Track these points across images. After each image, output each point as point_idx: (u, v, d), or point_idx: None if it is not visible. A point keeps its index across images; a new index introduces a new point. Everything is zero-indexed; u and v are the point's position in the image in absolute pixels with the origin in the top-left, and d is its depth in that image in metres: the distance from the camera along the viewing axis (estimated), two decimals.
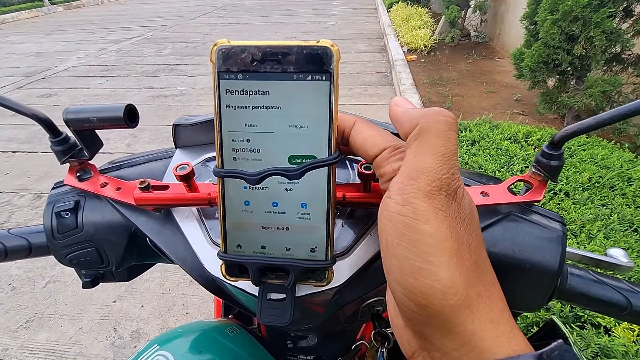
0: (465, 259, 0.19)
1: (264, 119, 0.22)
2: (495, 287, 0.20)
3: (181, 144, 0.37)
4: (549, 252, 0.30)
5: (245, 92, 0.22)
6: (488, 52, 4.79)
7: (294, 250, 0.24)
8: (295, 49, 0.21)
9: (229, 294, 0.31)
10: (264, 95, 0.22)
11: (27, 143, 3.13)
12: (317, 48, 0.21)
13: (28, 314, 1.57)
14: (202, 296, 1.66)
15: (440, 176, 0.19)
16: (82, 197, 0.35)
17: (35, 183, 2.53)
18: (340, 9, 9.34)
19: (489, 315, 0.18)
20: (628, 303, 0.32)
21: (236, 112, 0.22)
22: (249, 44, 0.22)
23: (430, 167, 0.19)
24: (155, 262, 0.41)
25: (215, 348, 0.41)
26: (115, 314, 1.57)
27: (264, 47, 0.21)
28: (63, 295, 1.67)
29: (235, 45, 0.22)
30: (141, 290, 1.69)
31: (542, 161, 0.30)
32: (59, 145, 0.34)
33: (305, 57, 0.21)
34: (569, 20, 2.06)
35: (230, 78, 0.22)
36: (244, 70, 0.22)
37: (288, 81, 0.21)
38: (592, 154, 1.81)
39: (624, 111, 0.26)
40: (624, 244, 1.27)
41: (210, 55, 0.22)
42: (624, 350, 0.95)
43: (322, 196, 0.22)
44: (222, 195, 0.23)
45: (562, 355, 0.18)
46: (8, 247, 0.38)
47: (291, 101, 0.21)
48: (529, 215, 0.32)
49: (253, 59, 0.21)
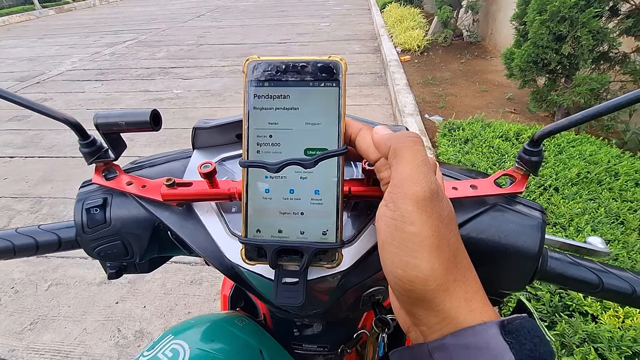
0: (445, 252, 0.22)
1: (284, 118, 0.26)
2: (471, 272, 0.24)
3: (199, 145, 0.40)
4: (530, 237, 0.34)
5: (270, 97, 0.26)
6: (480, 51, 4.86)
7: (307, 234, 0.27)
8: (311, 62, 0.25)
9: (245, 280, 0.34)
10: (285, 99, 0.26)
11: (23, 148, 3.13)
12: (328, 62, 0.25)
13: (32, 316, 1.59)
14: (203, 296, 1.69)
15: (419, 181, 0.23)
16: (109, 195, 0.38)
17: (33, 188, 2.54)
18: (334, 10, 9.38)
19: (464, 296, 0.22)
20: (600, 281, 0.36)
21: (262, 112, 0.26)
22: (274, 59, 0.26)
23: (409, 175, 0.23)
24: (175, 254, 0.43)
25: (226, 337, 0.44)
26: (118, 314, 1.60)
27: (286, 61, 0.26)
28: (66, 297, 1.69)
29: (263, 60, 0.26)
30: (143, 291, 1.72)
31: (523, 157, 0.34)
32: (87, 147, 0.37)
33: (319, 68, 0.25)
34: (556, 20, 2.12)
35: (258, 85, 0.26)
36: (269, 79, 0.26)
37: (305, 87, 0.26)
38: (581, 151, 1.87)
39: (593, 112, 0.30)
40: (610, 236, 1.32)
41: (243, 67, 0.26)
42: (609, 335, 1.00)
43: (332, 183, 0.26)
44: (246, 184, 0.27)
45: (523, 324, 0.21)
46: (39, 242, 0.40)
47: (307, 103, 0.26)
48: (512, 205, 0.35)
49: (277, 71, 0.26)
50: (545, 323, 1.12)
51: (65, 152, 3.03)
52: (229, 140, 0.41)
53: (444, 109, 3.18)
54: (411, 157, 0.24)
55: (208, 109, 3.69)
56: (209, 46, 6.33)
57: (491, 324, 0.21)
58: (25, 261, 1.90)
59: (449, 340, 0.21)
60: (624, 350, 0.97)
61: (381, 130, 0.27)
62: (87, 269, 1.85)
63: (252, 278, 0.33)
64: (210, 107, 3.74)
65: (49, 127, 3.48)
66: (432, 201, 0.23)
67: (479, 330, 0.21)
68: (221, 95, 4.08)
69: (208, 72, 4.91)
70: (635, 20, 2.09)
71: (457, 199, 0.34)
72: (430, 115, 3.06)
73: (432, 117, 3.01)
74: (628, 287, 0.36)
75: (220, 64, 5.22)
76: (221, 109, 3.70)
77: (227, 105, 3.77)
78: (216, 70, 4.95)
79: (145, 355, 0.39)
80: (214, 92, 4.19)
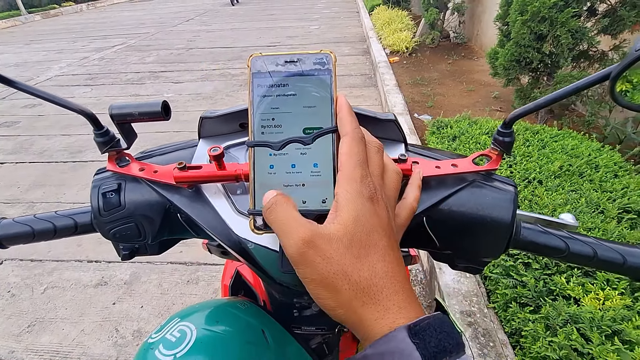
0: (344, 287, 0.25)
1: (284, 103, 0.30)
2: (388, 287, 0.25)
3: (204, 134, 0.44)
4: (505, 209, 0.38)
5: (271, 86, 0.30)
6: (467, 52, 4.97)
7: (309, 203, 0.30)
8: (306, 55, 0.30)
9: (250, 254, 0.37)
10: (285, 87, 0.30)
11: (14, 154, 3.11)
12: (321, 54, 0.30)
13: (29, 319, 1.59)
14: (200, 294, 1.71)
15: (289, 237, 0.26)
16: (123, 181, 0.41)
17: (25, 193, 2.53)
18: (323, 13, 9.46)
19: (376, 314, 0.24)
20: (567, 247, 0.40)
21: (264, 99, 0.30)
22: (274, 54, 0.30)
23: (281, 230, 0.27)
24: (183, 236, 0.46)
25: (230, 319, 0.46)
26: (116, 315, 1.61)
27: (284, 56, 0.30)
28: (62, 300, 1.69)
29: (265, 55, 0.30)
30: (140, 291, 1.73)
31: (498, 139, 0.38)
32: (101, 137, 0.40)
33: (313, 60, 0.30)
34: (537, 20, 2.20)
35: (261, 77, 0.30)
36: (270, 71, 0.30)
37: (301, 76, 0.30)
38: (563, 145, 1.94)
39: (554, 96, 0.34)
40: (591, 224, 1.39)
41: (247, 62, 0.30)
42: (590, 316, 1.05)
43: (329, 157, 0.30)
44: (253, 161, 0.30)
45: (431, 323, 0.23)
46: (57, 226, 0.43)
47: (304, 89, 0.30)
48: (489, 182, 0.39)
49: (277, 64, 0.30)
50: (531, 307, 1.18)
51: (57, 157, 3.02)
52: (233, 130, 0.44)
53: (433, 108, 3.26)
54: (282, 214, 0.26)
55: (199, 112, 3.68)
56: (199, 50, 6.34)
57: (400, 329, 0.23)
58: (20, 265, 1.90)
59: (369, 351, 0.23)
60: (604, 330, 1.03)
61: None
62: (83, 271, 1.85)
63: (257, 251, 0.36)
64: (202, 110, 3.74)
65: (39, 133, 3.46)
66: (309, 250, 0.25)
67: (390, 337, 0.23)
68: (212, 98, 4.10)
69: (199, 75, 4.93)
70: (611, 19, 2.19)
71: (439, 176, 0.38)
72: (419, 114, 3.13)
73: (421, 116, 3.08)
74: (591, 251, 0.40)
75: (211, 67, 5.23)
76: None
77: (219, 108, 3.79)
78: (207, 74, 4.96)
79: (153, 337, 0.41)
80: (205, 95, 4.21)
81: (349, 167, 0.27)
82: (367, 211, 0.26)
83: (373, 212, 0.26)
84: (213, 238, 0.39)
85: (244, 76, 4.76)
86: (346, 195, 0.26)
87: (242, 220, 0.37)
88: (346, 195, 0.26)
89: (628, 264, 0.38)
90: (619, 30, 2.19)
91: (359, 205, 0.26)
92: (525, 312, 1.16)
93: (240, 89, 4.35)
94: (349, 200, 0.26)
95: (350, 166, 0.27)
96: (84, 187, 2.57)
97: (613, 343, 1.00)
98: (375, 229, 0.26)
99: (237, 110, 0.41)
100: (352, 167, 0.27)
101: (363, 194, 0.26)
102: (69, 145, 3.22)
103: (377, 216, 0.26)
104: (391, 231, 0.27)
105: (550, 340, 1.05)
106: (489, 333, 1.20)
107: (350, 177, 0.27)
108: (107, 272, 1.85)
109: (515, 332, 1.17)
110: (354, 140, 0.28)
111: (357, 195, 0.26)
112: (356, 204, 0.26)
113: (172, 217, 0.41)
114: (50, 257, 1.95)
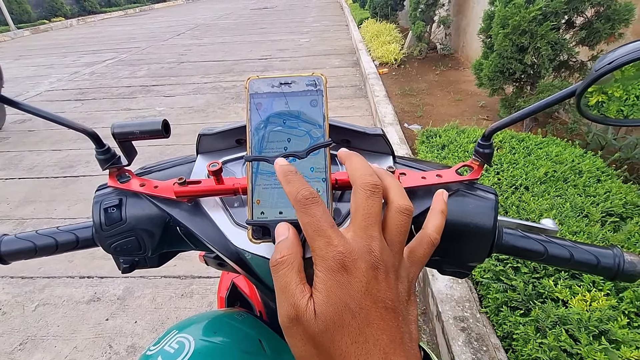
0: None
1: (279, 121, 0.33)
2: (375, 347, 0.23)
3: (202, 150, 0.46)
4: (486, 215, 0.40)
5: (267, 105, 0.33)
6: (454, 63, 5.10)
7: (285, 214, 0.32)
8: (299, 78, 0.33)
9: (248, 264, 0.39)
10: (280, 106, 0.33)
11: (3, 170, 3.07)
12: (313, 77, 0.33)
13: (21, 337, 1.56)
14: (194, 308, 1.70)
15: (280, 307, 0.25)
16: (124, 196, 0.42)
17: (15, 210, 2.50)
18: (313, 26, 9.63)
19: None
20: (545, 250, 0.43)
21: (261, 117, 0.33)
22: (270, 76, 0.33)
23: (278, 298, 0.26)
24: (182, 249, 0.47)
25: (227, 329, 0.47)
26: (109, 331, 1.59)
27: (280, 78, 0.33)
28: (54, 317, 1.67)
29: (262, 77, 0.33)
30: (133, 307, 1.72)
31: (479, 150, 0.41)
32: (102, 154, 0.42)
33: (305, 82, 0.33)
34: (518, 33, 2.29)
35: (258, 97, 0.33)
36: (267, 92, 0.33)
37: (295, 96, 0.33)
38: (548, 152, 2.01)
39: (529, 110, 0.37)
40: (576, 228, 1.43)
41: (245, 84, 0.33)
42: (578, 317, 1.09)
43: (322, 170, 0.32)
44: (251, 175, 0.32)
45: None
46: (59, 241, 0.45)
47: (297, 108, 0.33)
48: (472, 190, 0.42)
49: (273, 85, 0.33)
50: (521, 310, 1.21)
51: (47, 172, 3.00)
52: (230, 145, 0.46)
53: (422, 117, 3.33)
54: (284, 278, 0.25)
55: (192, 125, 3.72)
56: (190, 64, 6.38)
57: None
58: (10, 283, 1.87)
59: None
60: (592, 330, 1.06)
61: None
62: (75, 287, 1.83)
63: (254, 261, 0.38)
64: (194, 124, 3.78)
65: (29, 148, 3.43)
66: (293, 326, 0.24)
67: None
68: (204, 111, 4.13)
69: (190, 89, 4.96)
70: (588, 31, 2.29)
71: (425, 186, 0.41)
72: (409, 124, 3.19)
73: (411, 125, 3.15)
74: (567, 253, 0.43)
75: (203, 81, 5.27)
76: (205, 124, 3.73)
77: (211, 121, 3.81)
78: (198, 87, 5.00)
79: (151, 350, 0.42)
80: (197, 108, 4.23)
81: (309, 236, 0.25)
82: (336, 287, 0.23)
83: (345, 286, 0.23)
84: (211, 249, 0.41)
85: (235, 89, 4.80)
86: (317, 271, 0.24)
87: (239, 232, 0.38)
88: (317, 270, 0.24)
89: (602, 265, 0.41)
90: (596, 42, 2.30)
91: (328, 281, 0.23)
92: (516, 316, 1.19)
93: (233, 101, 4.38)
94: (319, 277, 0.24)
95: (309, 234, 0.25)
96: (75, 202, 2.55)
97: (600, 343, 1.03)
98: (346, 307, 0.23)
99: (234, 128, 0.43)
100: (311, 235, 0.25)
101: (330, 267, 0.24)
102: (60, 160, 3.19)
103: (350, 289, 0.23)
104: (372, 300, 0.23)
105: (540, 342, 1.08)
106: (482, 337, 1.22)
107: (314, 247, 0.25)
108: (100, 287, 1.83)
109: (507, 335, 1.20)
110: (307, 202, 0.25)
111: (325, 270, 0.24)
112: (325, 280, 0.23)
113: (171, 231, 0.43)
114: (41, 274, 1.92)
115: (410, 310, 0.26)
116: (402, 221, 0.27)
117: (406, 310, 0.25)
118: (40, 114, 0.38)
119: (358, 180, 0.28)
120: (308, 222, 0.25)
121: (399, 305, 0.25)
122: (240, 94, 4.60)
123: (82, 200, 2.57)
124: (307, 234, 0.25)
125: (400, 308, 0.25)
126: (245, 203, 0.40)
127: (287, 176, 0.27)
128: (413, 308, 0.26)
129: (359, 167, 0.29)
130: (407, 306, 0.26)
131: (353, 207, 0.27)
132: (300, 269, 0.25)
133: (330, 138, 0.33)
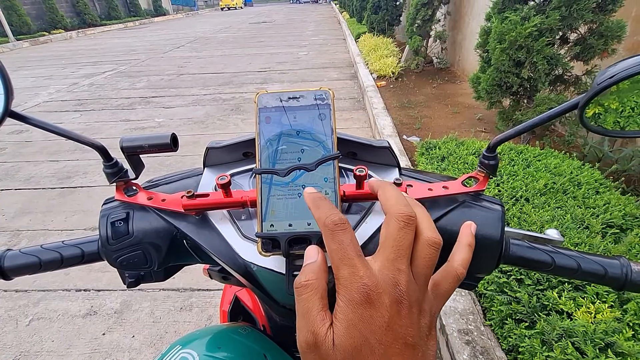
0: None
1: (288, 134, 0.33)
2: None
3: (209, 164, 0.45)
4: (493, 227, 0.40)
5: (276, 119, 0.33)
6: (450, 76, 5.19)
7: (313, 225, 0.32)
8: (307, 92, 0.33)
9: (255, 277, 0.38)
10: (288, 120, 0.33)
11: None
12: (320, 91, 0.33)
13: (14, 353, 1.52)
14: (194, 322, 1.67)
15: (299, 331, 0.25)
16: (131, 209, 0.42)
17: (11, 221, 2.46)
18: (311, 40, 9.79)
19: None
20: (553, 261, 0.43)
21: (270, 131, 0.33)
22: (279, 91, 0.33)
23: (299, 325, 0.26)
24: (189, 262, 0.46)
25: (232, 344, 0.46)
26: (106, 346, 1.55)
27: (288, 92, 0.33)
28: (48, 332, 1.63)
29: (270, 92, 0.33)
30: (131, 320, 1.68)
31: (483, 162, 0.42)
32: (110, 168, 0.41)
33: (313, 96, 0.33)
34: (514, 48, 2.35)
35: (267, 111, 0.33)
36: (276, 106, 0.33)
37: (304, 110, 0.33)
38: (546, 164, 2.03)
39: (532, 123, 0.37)
40: (578, 239, 1.44)
41: (254, 99, 0.33)
42: (583, 330, 1.08)
43: (331, 182, 0.32)
44: (260, 187, 0.32)
45: None
46: (64, 256, 0.44)
47: (306, 122, 0.33)
48: (478, 202, 0.42)
49: (281, 99, 0.33)
50: (526, 323, 1.20)
51: (44, 183, 2.97)
52: (237, 158, 0.46)
53: (420, 129, 3.36)
54: (306, 302, 0.25)
55: (191, 137, 3.73)
56: (189, 75, 6.43)
57: None
58: (3, 296, 1.83)
59: None
60: (598, 342, 1.05)
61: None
62: (71, 301, 1.79)
63: (261, 274, 0.37)
64: (193, 135, 3.78)
65: (26, 159, 3.41)
66: (310, 353, 0.24)
67: None
68: (204, 122, 4.14)
69: (190, 100, 4.98)
70: (582, 47, 2.35)
71: (432, 197, 0.41)
72: (408, 136, 3.22)
73: (409, 137, 3.17)
74: (575, 264, 0.43)
75: (202, 93, 5.31)
76: (204, 135, 3.74)
77: (210, 132, 3.82)
78: (198, 99, 5.03)
79: None
80: (197, 119, 4.24)
81: (334, 264, 0.25)
82: (358, 320, 0.23)
83: (367, 320, 0.23)
84: (217, 263, 0.40)
85: (234, 101, 4.84)
86: (340, 300, 0.24)
87: (247, 245, 0.38)
88: (340, 299, 0.24)
89: (609, 275, 0.41)
90: (590, 57, 2.35)
91: (350, 313, 0.23)
92: (521, 328, 1.18)
93: (232, 113, 4.41)
94: (341, 307, 0.24)
95: (335, 262, 0.25)
96: (73, 213, 2.52)
97: (607, 355, 1.02)
98: (365, 342, 0.23)
99: (241, 141, 0.43)
100: (337, 263, 0.25)
101: (354, 298, 0.23)
102: (57, 171, 3.17)
103: (372, 324, 0.23)
104: (393, 336, 0.23)
105: (547, 356, 1.07)
106: (487, 351, 1.20)
107: (339, 276, 0.24)
108: (97, 300, 1.79)
109: (512, 348, 1.18)
110: (336, 229, 0.25)
111: (348, 301, 0.23)
112: (347, 312, 0.23)
113: (178, 244, 0.42)
114: (36, 287, 1.88)
115: (429, 345, 0.25)
116: (430, 254, 0.26)
117: (426, 345, 0.25)
118: (50, 129, 0.38)
119: (392, 209, 0.27)
120: (335, 250, 0.25)
121: (419, 342, 0.24)
122: (239, 106, 4.63)
123: (80, 211, 2.55)
124: (332, 261, 0.25)
125: (421, 344, 0.24)
126: (252, 216, 0.40)
127: (315, 202, 0.28)
128: (433, 343, 0.26)
129: (393, 196, 0.28)
130: (427, 341, 0.25)
131: (383, 236, 0.26)
132: (323, 295, 0.25)
133: (338, 150, 0.33)
